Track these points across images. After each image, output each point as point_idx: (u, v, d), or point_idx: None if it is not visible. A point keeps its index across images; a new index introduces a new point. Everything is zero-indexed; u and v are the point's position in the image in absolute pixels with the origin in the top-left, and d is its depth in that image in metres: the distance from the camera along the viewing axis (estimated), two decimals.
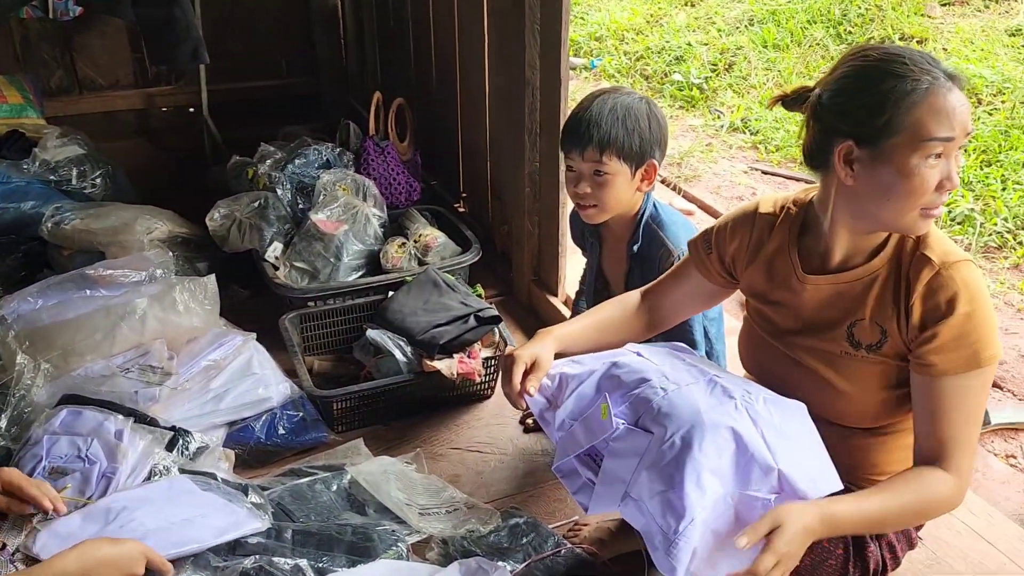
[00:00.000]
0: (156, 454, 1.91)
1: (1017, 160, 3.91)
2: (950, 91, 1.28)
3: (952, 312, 1.32)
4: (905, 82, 1.28)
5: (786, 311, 1.55)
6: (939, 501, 1.34)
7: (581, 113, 1.91)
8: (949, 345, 1.32)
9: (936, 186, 1.30)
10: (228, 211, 2.87)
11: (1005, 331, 3.00)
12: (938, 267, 1.34)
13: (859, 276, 1.43)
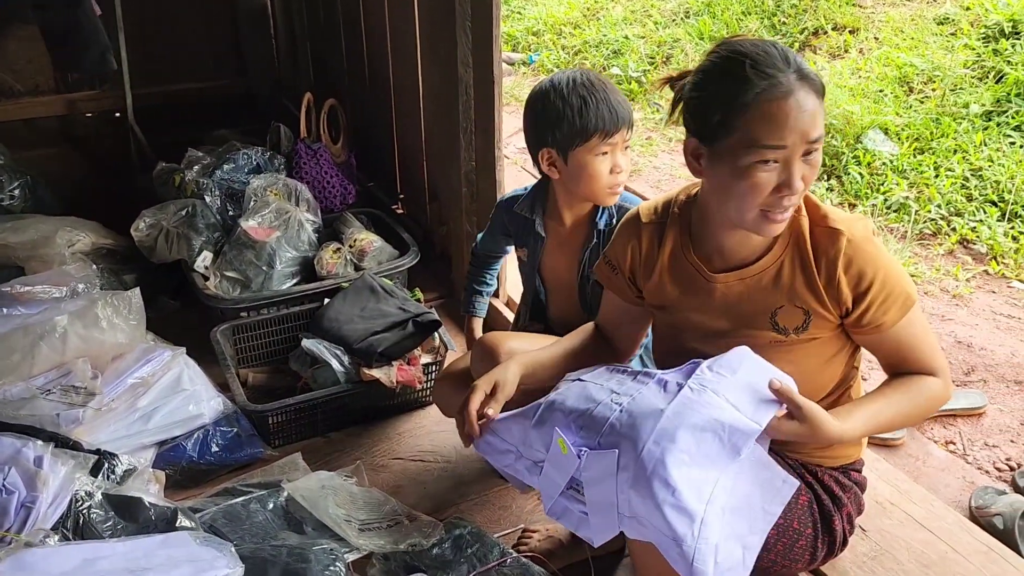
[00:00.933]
0: (78, 480, 1.83)
1: (948, 147, 3.98)
2: (788, 97, 1.26)
3: (875, 273, 1.36)
4: (739, 85, 1.28)
5: (704, 314, 1.52)
6: (935, 394, 1.44)
7: (597, 92, 1.81)
8: (887, 302, 1.37)
9: (775, 189, 1.30)
10: (154, 220, 2.77)
11: (941, 317, 3.05)
12: (847, 235, 1.35)
13: (764, 266, 1.43)
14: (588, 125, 1.80)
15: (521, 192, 2.08)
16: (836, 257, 1.36)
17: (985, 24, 4.59)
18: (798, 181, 1.29)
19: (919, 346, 1.43)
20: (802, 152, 1.29)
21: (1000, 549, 1.85)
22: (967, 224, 3.58)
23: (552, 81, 1.86)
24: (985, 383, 2.70)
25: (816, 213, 1.40)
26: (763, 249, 1.43)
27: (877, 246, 1.38)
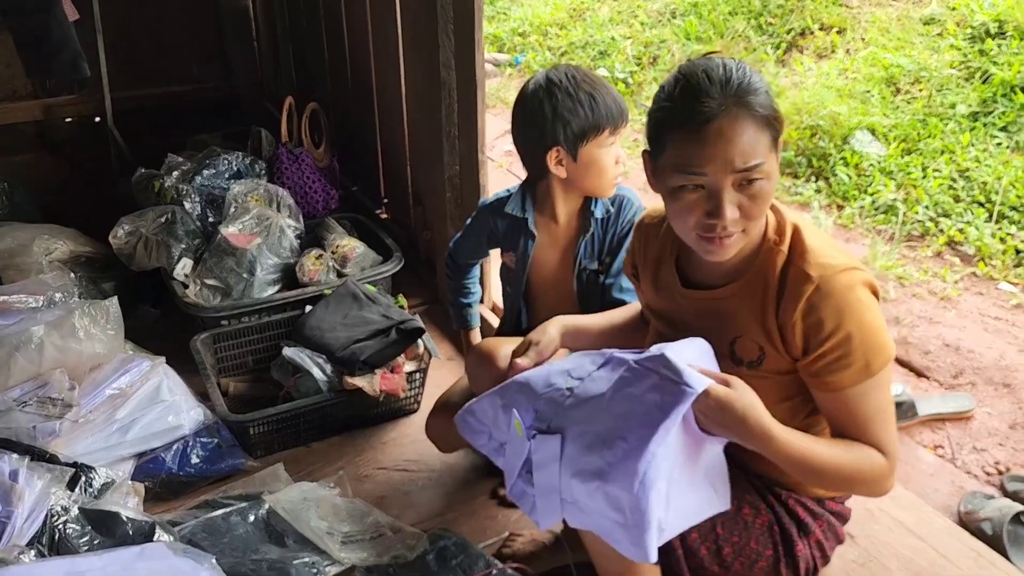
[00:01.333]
0: (55, 494, 1.79)
1: (936, 148, 3.98)
2: (709, 123, 1.24)
3: (837, 329, 1.29)
4: (670, 106, 1.30)
5: (673, 327, 1.52)
6: (877, 471, 1.34)
7: (599, 86, 1.84)
8: (841, 363, 1.31)
9: (706, 215, 1.29)
10: (133, 227, 2.74)
11: (929, 320, 3.05)
12: (817, 281, 1.30)
13: (732, 292, 1.41)
14: (600, 119, 1.82)
15: (504, 194, 2.05)
16: (796, 301, 1.31)
17: (971, 24, 4.60)
18: (728, 210, 1.27)
19: (869, 420, 1.34)
20: (733, 181, 1.26)
21: (989, 554, 1.85)
22: (955, 225, 3.58)
23: (548, 79, 1.84)
24: (973, 386, 2.70)
25: (797, 250, 1.35)
26: (732, 274, 1.41)
27: (857, 302, 1.30)
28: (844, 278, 1.30)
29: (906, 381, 2.75)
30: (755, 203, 1.28)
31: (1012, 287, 3.23)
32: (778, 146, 1.31)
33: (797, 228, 1.37)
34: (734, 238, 1.31)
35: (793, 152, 4.32)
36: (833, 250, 1.35)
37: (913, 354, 2.87)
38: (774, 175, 1.30)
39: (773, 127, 1.28)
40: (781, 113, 1.31)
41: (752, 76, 1.28)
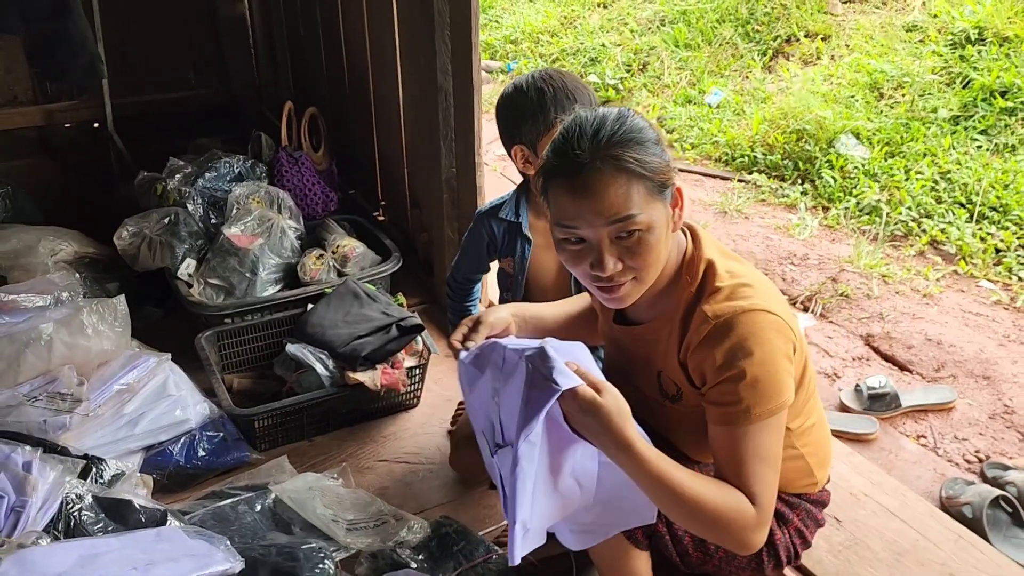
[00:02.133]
0: (68, 483, 1.84)
1: (918, 151, 4.07)
2: (573, 177, 1.26)
3: (727, 366, 1.29)
4: (549, 162, 1.31)
5: (620, 351, 1.57)
6: (738, 519, 1.26)
7: (554, 81, 1.86)
8: (727, 399, 1.30)
9: (590, 265, 1.30)
10: (137, 229, 2.79)
11: (912, 316, 3.12)
12: (713, 322, 1.31)
13: (651, 328, 1.44)
14: (549, 113, 1.84)
15: (500, 201, 2.10)
16: (695, 340, 1.33)
17: (952, 31, 4.70)
18: (608, 262, 1.28)
19: (745, 463, 1.28)
20: (609, 233, 1.27)
21: (969, 536, 1.91)
22: (937, 225, 3.66)
23: (514, 81, 1.92)
24: (954, 379, 2.77)
25: (705, 290, 1.35)
26: (653, 311, 1.44)
27: (753, 346, 1.28)
28: (745, 320, 1.29)
29: (890, 374, 2.82)
30: (637, 254, 1.28)
31: (992, 284, 3.31)
32: (667, 194, 1.30)
33: (711, 265, 1.37)
34: (626, 286, 1.32)
35: (780, 155, 4.41)
36: (745, 289, 1.33)
37: (897, 348, 2.95)
38: (658, 225, 1.28)
39: (652, 178, 1.27)
40: (667, 162, 1.30)
41: (629, 127, 1.28)
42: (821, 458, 1.57)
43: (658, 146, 1.30)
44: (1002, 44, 4.45)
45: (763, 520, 1.28)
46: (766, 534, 1.29)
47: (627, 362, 1.54)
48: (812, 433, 1.54)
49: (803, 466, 1.53)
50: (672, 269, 1.39)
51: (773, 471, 1.31)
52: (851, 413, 2.58)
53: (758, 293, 1.33)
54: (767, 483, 1.30)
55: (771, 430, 1.30)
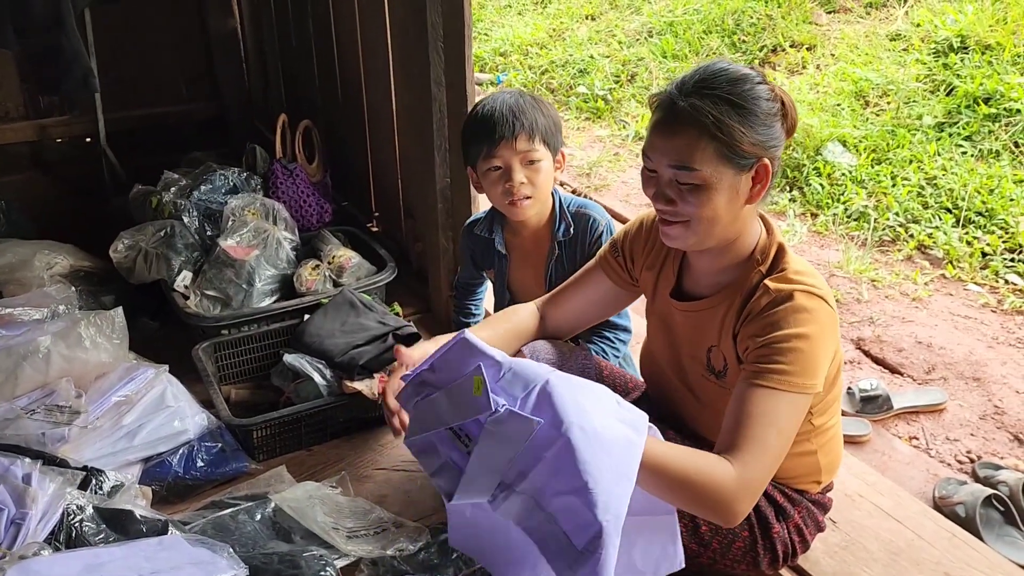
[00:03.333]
0: (68, 494, 1.84)
1: (904, 158, 4.13)
2: (660, 113, 1.38)
3: (783, 327, 1.32)
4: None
5: (666, 328, 1.61)
6: (711, 482, 1.24)
7: (495, 108, 1.90)
8: (759, 359, 1.32)
9: (652, 195, 1.40)
10: (133, 242, 2.79)
11: (902, 319, 3.16)
12: (773, 295, 1.36)
13: (712, 304, 1.48)
14: (469, 139, 1.94)
15: (479, 216, 2.16)
16: (754, 309, 1.38)
17: (935, 40, 4.77)
18: (663, 198, 1.39)
19: (753, 421, 1.28)
20: (672, 174, 1.37)
21: (963, 535, 1.93)
22: (924, 231, 3.71)
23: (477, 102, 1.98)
24: (945, 380, 2.81)
25: (774, 269, 1.41)
26: (716, 287, 1.49)
27: (809, 319, 1.32)
28: (804, 299, 1.34)
29: (881, 377, 2.86)
30: (690, 203, 1.36)
31: (979, 288, 3.35)
32: (744, 164, 1.35)
33: (782, 250, 1.44)
34: (677, 228, 1.40)
35: None
36: (811, 278, 1.38)
37: (887, 351, 2.98)
38: (719, 187, 1.34)
39: (728, 143, 1.33)
40: (760, 140, 1.35)
41: (740, 92, 1.34)
42: (830, 462, 1.60)
43: (762, 123, 1.34)
44: (984, 52, 4.52)
45: (744, 487, 1.25)
46: (748, 507, 1.26)
47: (676, 338, 1.57)
48: (829, 435, 1.57)
49: (813, 463, 1.56)
50: (745, 250, 1.45)
51: (776, 448, 1.29)
52: (844, 416, 2.60)
53: (822, 287, 1.38)
54: (764, 454, 1.27)
55: (793, 407, 1.31)
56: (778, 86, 1.42)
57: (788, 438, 1.31)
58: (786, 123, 1.41)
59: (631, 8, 6.68)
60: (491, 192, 1.97)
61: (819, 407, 1.49)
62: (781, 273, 1.40)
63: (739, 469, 1.25)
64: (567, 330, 1.76)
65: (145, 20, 4.05)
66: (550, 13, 7.17)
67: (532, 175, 1.91)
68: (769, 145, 1.36)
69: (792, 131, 1.44)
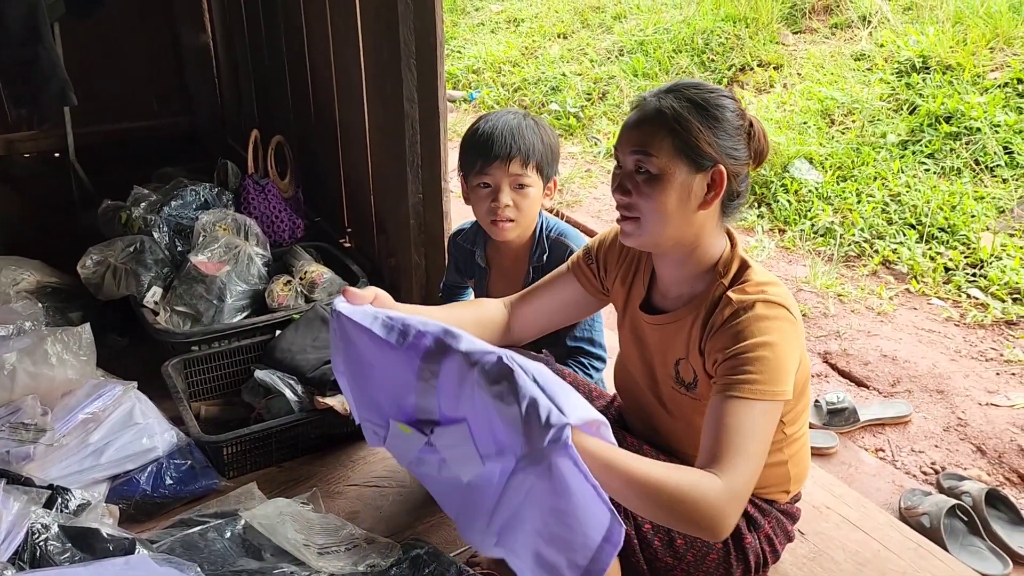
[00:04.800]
0: (33, 513, 1.82)
1: (869, 175, 4.20)
2: (633, 111, 1.45)
3: (748, 337, 1.34)
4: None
5: (631, 342, 1.64)
6: (701, 497, 1.21)
7: (497, 127, 1.91)
8: (729, 371, 1.34)
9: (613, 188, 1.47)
10: (101, 257, 2.77)
11: (867, 333, 3.21)
12: (735, 306, 1.39)
13: (679, 317, 1.51)
14: (463, 156, 1.96)
15: (465, 226, 2.18)
16: (718, 320, 1.40)
17: (898, 60, 4.87)
18: (621, 189, 1.44)
19: (733, 435, 1.28)
20: (633, 162, 1.42)
21: (928, 545, 1.97)
22: (888, 246, 3.78)
23: (484, 115, 1.99)
24: (910, 393, 2.86)
25: (736, 281, 1.43)
26: (682, 300, 1.52)
27: (774, 328, 1.34)
28: (766, 308, 1.36)
29: (848, 390, 2.90)
30: (643, 194, 1.41)
31: (942, 302, 3.42)
32: (700, 165, 1.40)
33: (745, 264, 1.46)
34: (630, 224, 1.45)
35: None
36: (773, 288, 1.40)
37: (853, 365, 3.03)
38: (672, 181, 1.38)
39: (687, 142, 1.39)
40: (722, 148, 1.40)
41: (708, 99, 1.41)
42: (800, 472, 1.62)
43: (723, 130, 1.40)
44: (945, 72, 4.62)
45: (732, 499, 1.23)
46: (736, 519, 1.24)
47: (647, 352, 1.59)
48: (799, 445, 1.59)
49: (783, 473, 1.58)
50: (709, 262, 1.48)
51: (756, 457, 1.30)
52: (812, 428, 2.64)
53: (783, 296, 1.40)
54: (747, 464, 1.27)
55: (766, 416, 1.32)
56: (753, 115, 1.47)
57: (766, 446, 1.33)
58: (752, 145, 1.45)
59: (602, 27, 6.76)
60: (477, 208, 1.99)
61: (790, 416, 1.51)
62: (742, 284, 1.42)
63: (726, 482, 1.24)
64: (532, 330, 1.76)
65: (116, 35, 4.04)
66: (522, 31, 7.23)
67: (519, 199, 1.93)
68: (727, 153, 1.41)
69: (759, 159, 1.48)
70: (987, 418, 2.69)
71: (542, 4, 7.56)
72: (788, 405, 1.46)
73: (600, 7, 7.02)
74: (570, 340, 1.98)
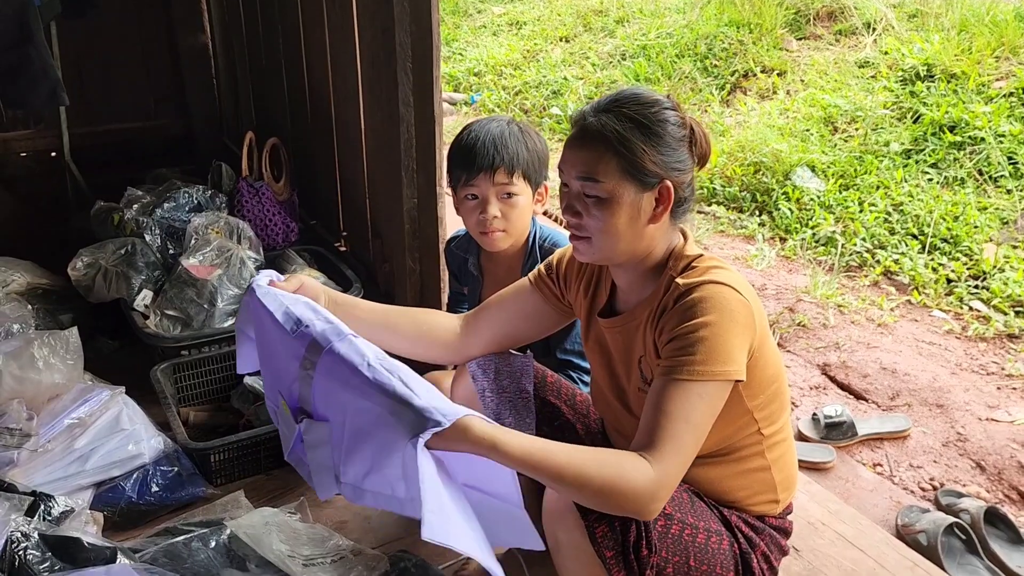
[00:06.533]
0: (13, 520, 1.79)
1: (871, 184, 4.17)
2: (573, 128, 1.46)
3: (693, 315, 1.34)
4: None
5: (598, 354, 1.62)
6: (629, 485, 1.25)
7: (479, 137, 1.89)
8: (671, 353, 1.34)
9: (563, 208, 1.47)
10: (92, 259, 2.74)
11: (867, 345, 3.18)
12: (683, 288, 1.39)
13: (635, 315, 1.50)
14: (453, 168, 1.93)
15: (461, 232, 2.15)
16: (668, 305, 1.40)
17: (902, 68, 4.85)
18: (570, 210, 1.45)
19: (668, 418, 1.29)
20: (580, 187, 1.43)
21: (925, 564, 1.94)
22: (890, 256, 3.74)
23: (468, 125, 1.96)
24: (909, 407, 2.82)
25: (685, 272, 1.43)
26: (639, 299, 1.51)
27: (719, 306, 1.34)
28: (710, 288, 1.36)
29: (846, 403, 2.87)
30: (593, 216, 1.41)
31: (944, 314, 3.38)
32: (647, 183, 1.40)
33: (696, 255, 1.46)
34: (583, 243, 1.46)
35: (738, 187, 4.49)
36: (720, 272, 1.40)
37: (853, 377, 2.99)
38: (621, 203, 1.39)
39: (631, 160, 1.39)
40: (665, 162, 1.40)
41: (648, 114, 1.41)
42: (786, 478, 1.59)
43: (667, 144, 1.40)
44: (950, 80, 4.60)
45: (661, 486, 1.26)
46: (664, 502, 1.28)
47: (611, 360, 1.58)
48: (782, 449, 1.56)
49: (768, 479, 1.55)
50: (659, 258, 1.48)
51: (692, 443, 1.30)
52: (808, 442, 2.60)
53: (732, 278, 1.40)
54: (681, 448, 1.29)
55: (707, 398, 1.32)
56: (691, 116, 1.46)
57: (703, 431, 1.33)
58: (695, 150, 1.45)
59: (605, 31, 6.73)
60: (466, 219, 1.97)
61: (765, 416, 1.49)
62: (691, 270, 1.43)
63: (657, 469, 1.26)
64: (484, 341, 1.72)
65: (113, 36, 4.01)
66: (525, 35, 7.22)
67: (507, 209, 1.91)
68: (672, 167, 1.41)
69: (703, 161, 1.48)
70: (987, 434, 2.65)
71: (544, 7, 7.54)
72: (761, 404, 1.46)
73: (603, 11, 7.00)
74: (560, 353, 1.95)
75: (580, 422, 1.71)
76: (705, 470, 1.51)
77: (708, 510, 1.52)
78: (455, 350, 1.72)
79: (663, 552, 1.40)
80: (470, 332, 1.72)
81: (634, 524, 1.36)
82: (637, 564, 1.37)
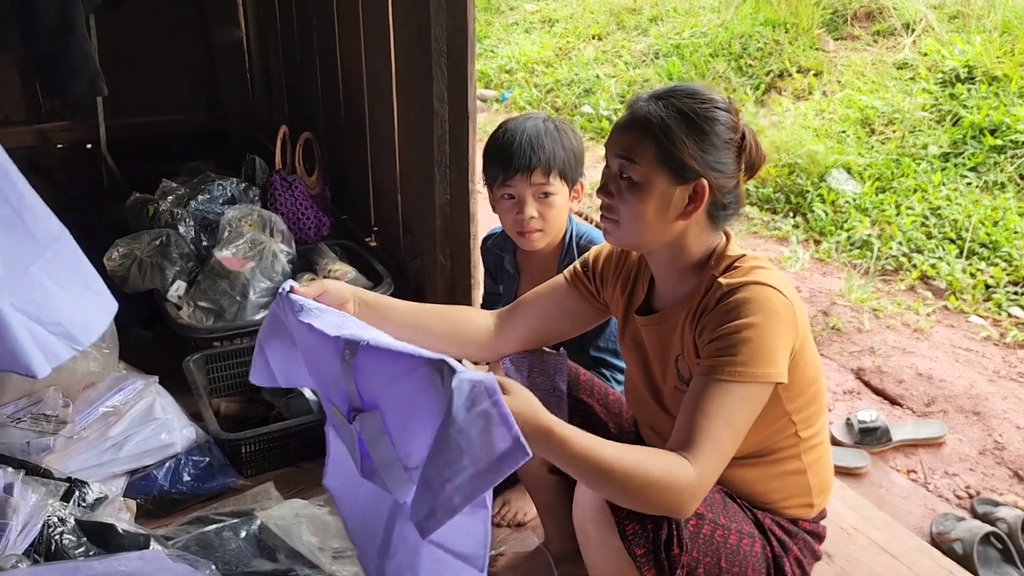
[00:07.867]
0: (50, 506, 1.81)
1: (909, 187, 4.11)
2: (625, 113, 1.46)
3: (724, 322, 1.33)
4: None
5: (634, 351, 1.60)
6: (673, 484, 1.24)
7: (516, 136, 1.87)
8: (712, 352, 1.33)
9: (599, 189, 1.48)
10: (128, 250, 2.77)
11: (903, 351, 3.13)
12: (724, 289, 1.37)
13: (673, 314, 1.48)
14: (486, 165, 1.92)
15: (497, 230, 2.14)
16: (709, 305, 1.38)
17: (942, 69, 4.77)
18: (605, 190, 1.45)
19: (708, 417, 1.28)
20: (618, 165, 1.42)
21: (960, 573, 1.90)
22: (927, 261, 3.68)
23: (504, 122, 1.95)
24: (945, 414, 2.77)
25: (727, 272, 1.42)
26: (678, 297, 1.49)
27: (764, 308, 1.33)
28: (754, 289, 1.34)
29: (880, 408, 2.82)
30: (622, 199, 1.41)
31: (981, 320, 3.32)
32: (683, 177, 1.38)
33: (739, 255, 1.44)
34: (610, 224, 1.45)
35: (772, 188, 4.44)
36: (763, 272, 1.38)
37: (888, 382, 2.95)
38: (652, 189, 1.39)
39: (670, 153, 1.37)
40: (706, 161, 1.38)
41: (700, 110, 1.39)
42: (821, 482, 1.56)
43: (710, 143, 1.38)
44: (991, 83, 4.51)
45: (700, 486, 1.26)
46: (699, 502, 1.28)
47: (647, 358, 1.56)
48: (818, 452, 1.54)
49: (803, 483, 1.52)
50: (698, 257, 1.47)
51: (730, 444, 1.30)
52: (842, 447, 2.57)
53: (775, 279, 1.38)
54: (720, 448, 1.28)
55: (748, 400, 1.31)
56: (747, 124, 1.44)
57: (741, 433, 1.32)
58: (743, 158, 1.43)
59: (638, 29, 6.70)
60: (503, 219, 1.96)
61: (803, 420, 1.47)
62: (734, 271, 1.41)
63: (697, 469, 1.26)
64: (519, 338, 1.70)
65: (149, 29, 4.05)
66: (557, 32, 7.20)
67: (544, 209, 1.89)
68: (712, 167, 1.39)
69: (752, 171, 1.46)
70: None
71: (577, 5, 7.51)
72: (799, 407, 1.44)
73: (636, 9, 6.96)
74: (594, 351, 1.94)
75: (613, 421, 1.70)
76: (740, 471, 1.48)
77: (741, 512, 1.50)
78: (489, 348, 1.71)
79: (694, 552, 1.39)
80: (504, 329, 1.71)
81: (665, 523, 1.35)
82: (668, 563, 1.36)
